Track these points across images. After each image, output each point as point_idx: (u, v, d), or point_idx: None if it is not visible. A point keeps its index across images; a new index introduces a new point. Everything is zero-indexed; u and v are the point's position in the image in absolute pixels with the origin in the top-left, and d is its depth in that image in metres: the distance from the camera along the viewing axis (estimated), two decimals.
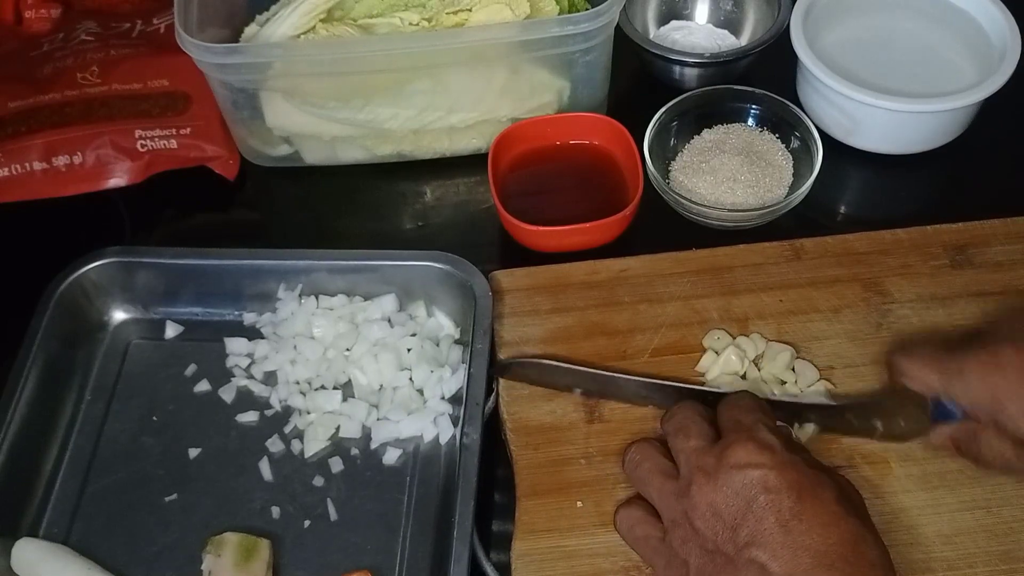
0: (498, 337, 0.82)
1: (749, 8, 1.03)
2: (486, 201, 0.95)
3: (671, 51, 0.98)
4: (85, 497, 0.80)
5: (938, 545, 0.72)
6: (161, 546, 0.78)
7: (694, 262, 0.86)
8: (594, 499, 0.75)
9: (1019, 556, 0.71)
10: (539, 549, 0.73)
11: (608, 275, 0.86)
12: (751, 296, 0.84)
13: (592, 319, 0.84)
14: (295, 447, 0.82)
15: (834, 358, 0.80)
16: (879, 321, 0.82)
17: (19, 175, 0.93)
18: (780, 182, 0.92)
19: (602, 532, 0.73)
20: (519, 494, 0.75)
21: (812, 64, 0.92)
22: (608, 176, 0.93)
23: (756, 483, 0.63)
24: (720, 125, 0.95)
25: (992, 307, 0.82)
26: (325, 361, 0.85)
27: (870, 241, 0.86)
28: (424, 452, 0.82)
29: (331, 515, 0.79)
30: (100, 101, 0.95)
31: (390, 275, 0.86)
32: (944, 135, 0.95)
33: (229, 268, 0.87)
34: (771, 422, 0.68)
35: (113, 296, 0.88)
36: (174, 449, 0.82)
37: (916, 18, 0.99)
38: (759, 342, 0.81)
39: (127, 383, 0.86)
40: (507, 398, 0.80)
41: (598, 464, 0.76)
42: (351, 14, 0.92)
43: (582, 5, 0.96)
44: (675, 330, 0.83)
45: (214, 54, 0.87)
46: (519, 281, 0.86)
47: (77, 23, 1.02)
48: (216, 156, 0.96)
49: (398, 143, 0.96)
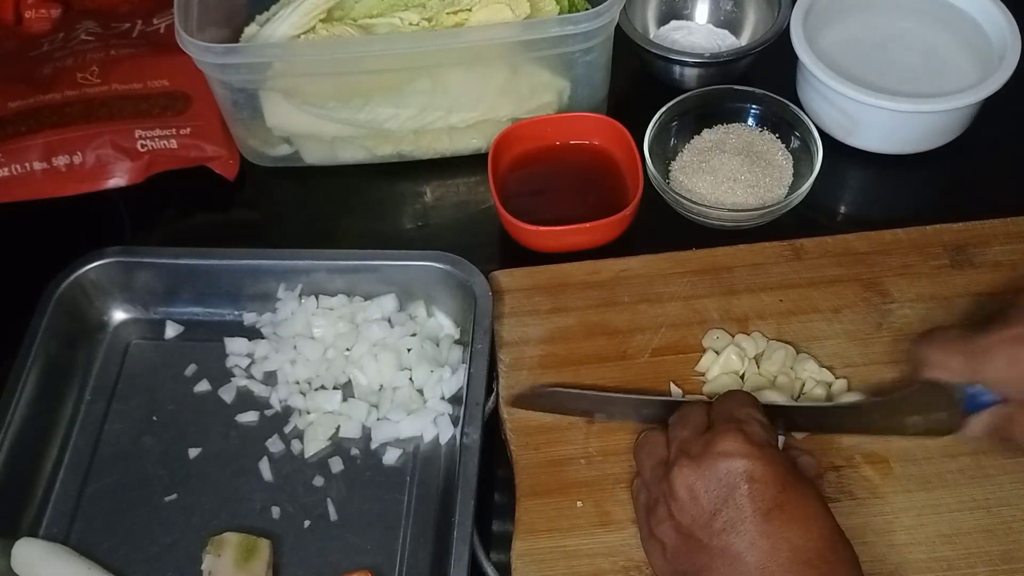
0: (498, 337, 0.82)
1: (749, 8, 1.03)
2: (486, 201, 0.95)
3: (671, 51, 0.98)
4: (85, 497, 0.80)
5: (938, 545, 0.72)
6: (161, 546, 0.78)
7: (694, 262, 0.86)
8: (594, 499, 0.75)
9: (1019, 556, 0.71)
10: (539, 549, 0.73)
11: (608, 275, 0.86)
12: (751, 296, 0.84)
13: (592, 319, 0.84)
14: (295, 447, 0.82)
15: (834, 358, 0.80)
16: (879, 321, 0.82)
17: (19, 175, 0.93)
18: (780, 182, 0.92)
19: (602, 532, 0.73)
20: (519, 494, 0.75)
21: (812, 64, 0.92)
22: (608, 176, 0.93)
23: (740, 472, 0.62)
24: (720, 125, 0.95)
25: (993, 305, 0.81)
26: (325, 361, 0.85)
27: (870, 241, 0.87)
28: (424, 452, 0.82)
29: (331, 515, 0.79)
30: (100, 101, 0.95)
31: (390, 275, 0.86)
32: (944, 135, 0.95)
33: (229, 268, 0.87)
34: (762, 419, 0.68)
35: (113, 296, 0.88)
36: (174, 449, 0.82)
37: (916, 18, 0.99)
38: (760, 340, 0.81)
39: (127, 383, 0.86)
40: (507, 398, 0.80)
41: (598, 464, 0.76)
42: (351, 14, 0.92)
43: (582, 5, 0.96)
44: (675, 330, 0.83)
45: (214, 54, 0.87)
46: (519, 281, 0.86)
47: (77, 23, 1.02)
48: (216, 156, 0.96)
49: (398, 143, 0.96)
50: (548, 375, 0.81)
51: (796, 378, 0.79)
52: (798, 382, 0.79)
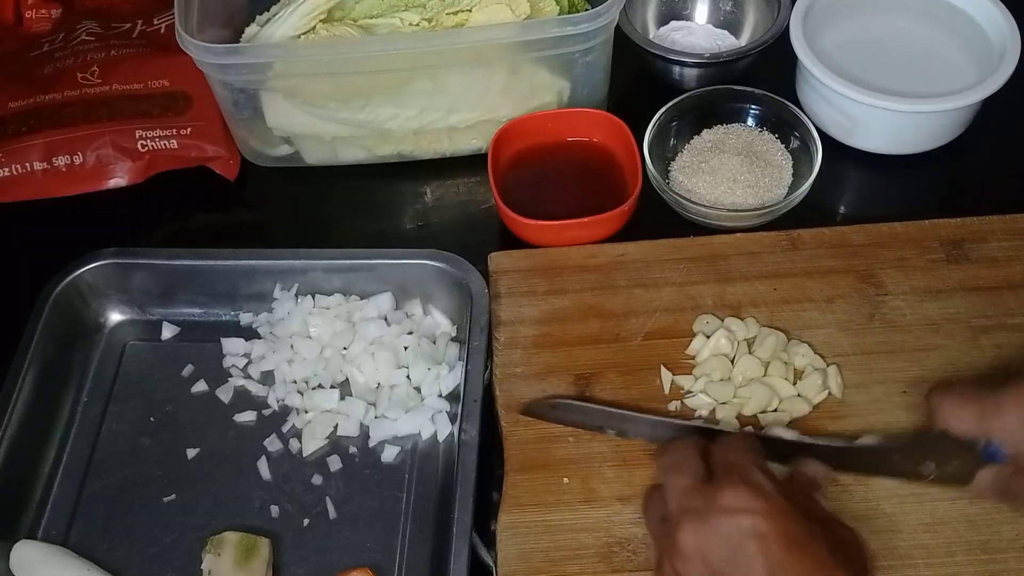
0: (494, 316, 0.83)
1: (749, 8, 1.03)
2: (486, 201, 0.95)
3: (671, 51, 0.99)
4: (84, 498, 0.80)
5: (919, 533, 0.72)
6: (160, 546, 0.78)
7: (691, 249, 0.87)
8: (580, 476, 0.76)
9: (999, 546, 0.71)
10: (524, 522, 0.74)
11: (605, 259, 0.86)
12: (745, 284, 0.84)
13: (587, 302, 0.84)
14: (293, 446, 0.82)
15: (825, 347, 0.81)
16: (872, 312, 0.82)
17: (20, 175, 0.93)
18: (780, 182, 0.92)
19: (586, 508, 0.74)
20: (507, 468, 0.76)
21: (812, 64, 0.92)
22: (608, 172, 0.93)
23: (746, 529, 0.60)
24: (720, 125, 0.95)
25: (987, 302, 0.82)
26: (322, 360, 0.85)
27: (867, 233, 0.87)
28: (422, 449, 0.82)
29: (330, 513, 0.78)
30: (100, 101, 0.95)
31: (386, 274, 0.86)
32: (944, 135, 0.94)
33: (225, 269, 0.87)
34: (764, 464, 0.66)
35: (109, 297, 0.88)
36: (172, 450, 0.82)
37: (916, 18, 0.99)
38: (752, 325, 0.82)
39: (124, 384, 0.86)
40: (500, 375, 0.80)
41: (585, 443, 0.77)
42: (351, 14, 0.92)
43: (582, 5, 0.97)
44: (669, 315, 0.83)
45: (214, 54, 0.87)
46: (518, 262, 0.87)
47: (77, 23, 1.02)
48: (216, 156, 0.96)
49: (398, 143, 0.96)
50: (542, 355, 0.82)
51: (788, 362, 0.80)
52: (790, 367, 0.80)
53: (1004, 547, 0.71)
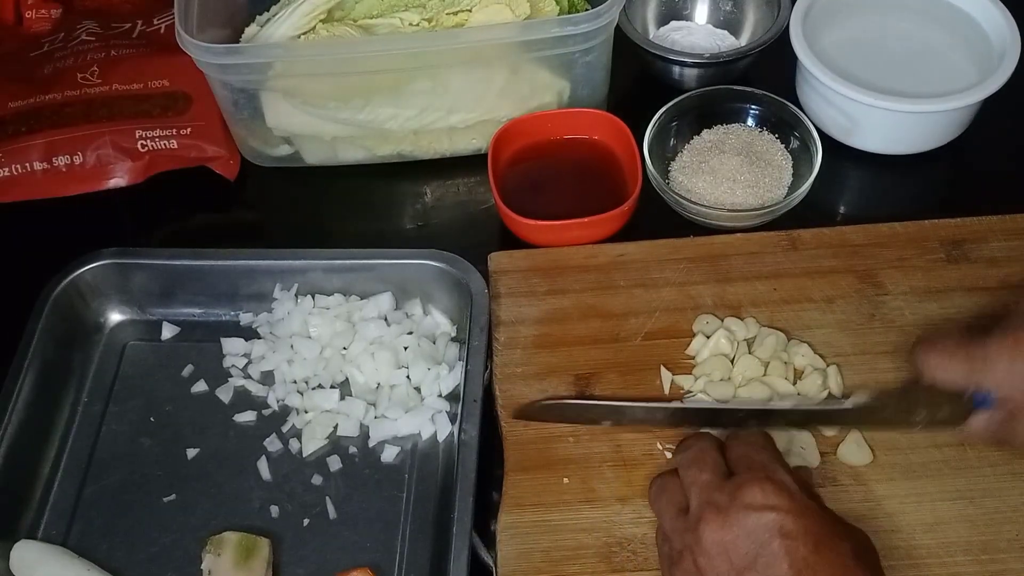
0: (494, 316, 0.83)
1: (749, 8, 1.03)
2: (486, 201, 0.95)
3: (671, 51, 0.99)
4: (83, 498, 0.80)
5: (919, 533, 0.72)
6: (160, 546, 0.78)
7: (690, 249, 0.87)
8: (580, 476, 0.76)
9: (999, 547, 0.71)
10: (524, 522, 0.74)
11: (605, 259, 0.87)
12: (745, 284, 0.84)
13: (588, 301, 0.84)
14: (293, 446, 0.82)
15: (825, 347, 0.81)
16: (872, 312, 0.82)
17: (20, 175, 0.93)
18: (779, 182, 0.92)
19: (587, 508, 0.74)
20: (507, 468, 0.76)
21: (811, 64, 0.92)
22: (608, 171, 0.93)
23: (771, 526, 0.60)
24: (720, 125, 0.95)
25: (986, 301, 0.82)
26: (322, 360, 0.85)
27: (867, 234, 0.87)
28: (422, 449, 0.81)
29: (330, 513, 0.78)
30: (100, 101, 0.95)
31: (386, 274, 0.86)
32: (944, 135, 0.94)
33: (224, 269, 0.87)
34: (784, 461, 0.66)
35: (109, 298, 0.88)
36: (172, 450, 0.82)
37: (916, 18, 0.99)
38: (751, 325, 0.82)
39: (124, 384, 0.86)
40: (500, 375, 0.81)
41: (585, 443, 0.77)
42: (351, 14, 0.92)
43: (582, 5, 0.97)
44: (669, 315, 0.83)
45: (214, 54, 0.87)
46: (518, 262, 0.87)
47: (77, 23, 1.02)
48: (216, 156, 0.96)
49: (398, 143, 0.96)
50: (542, 355, 0.82)
51: (788, 362, 0.80)
52: (790, 367, 0.80)
53: (1004, 547, 0.71)
